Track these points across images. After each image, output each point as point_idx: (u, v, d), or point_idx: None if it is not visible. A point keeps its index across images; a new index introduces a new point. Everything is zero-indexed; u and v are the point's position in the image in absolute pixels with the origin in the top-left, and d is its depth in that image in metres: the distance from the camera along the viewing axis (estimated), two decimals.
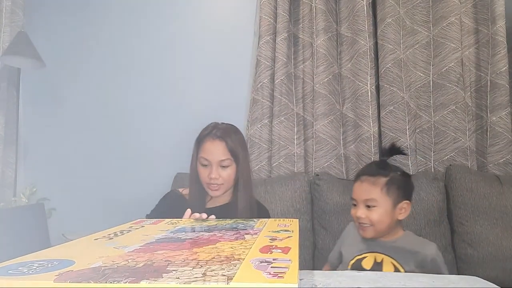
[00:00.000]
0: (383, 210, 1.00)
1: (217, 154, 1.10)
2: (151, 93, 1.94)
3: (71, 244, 0.52)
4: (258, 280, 0.34)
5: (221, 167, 1.11)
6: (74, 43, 2.00)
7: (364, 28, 1.67)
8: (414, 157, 1.65)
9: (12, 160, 1.82)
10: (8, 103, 1.84)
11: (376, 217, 0.99)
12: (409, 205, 1.03)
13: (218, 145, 1.11)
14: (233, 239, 0.52)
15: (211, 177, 1.09)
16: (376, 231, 1.01)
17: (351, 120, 1.72)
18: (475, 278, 0.66)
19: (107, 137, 1.93)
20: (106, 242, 0.51)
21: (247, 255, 0.42)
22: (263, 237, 0.53)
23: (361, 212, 1.01)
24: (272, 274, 0.36)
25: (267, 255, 0.43)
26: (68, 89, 1.98)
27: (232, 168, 1.12)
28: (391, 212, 1.01)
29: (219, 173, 1.10)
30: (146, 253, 0.44)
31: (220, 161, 1.10)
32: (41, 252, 0.45)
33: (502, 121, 1.62)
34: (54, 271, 0.37)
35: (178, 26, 1.95)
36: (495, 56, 1.63)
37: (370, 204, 1.00)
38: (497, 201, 1.44)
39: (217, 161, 1.10)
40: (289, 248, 0.46)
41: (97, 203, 1.84)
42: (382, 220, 1.00)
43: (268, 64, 1.73)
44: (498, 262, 1.38)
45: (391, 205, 1.00)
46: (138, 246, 0.48)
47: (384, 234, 1.02)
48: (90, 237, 0.55)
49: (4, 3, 1.82)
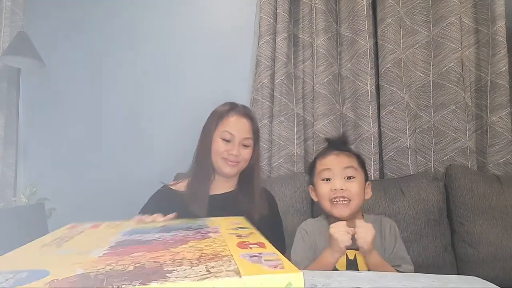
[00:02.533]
0: (361, 183, 0.95)
1: (243, 131, 1.07)
2: (151, 93, 1.94)
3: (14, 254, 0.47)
4: (266, 272, 0.34)
5: (243, 146, 1.07)
6: (74, 43, 2.00)
7: (364, 28, 1.67)
8: (414, 157, 1.65)
9: (12, 160, 1.82)
10: (8, 103, 1.84)
11: (356, 189, 0.93)
12: (370, 186, 1.01)
13: (244, 122, 1.08)
14: (200, 237, 0.52)
15: (233, 153, 1.05)
16: (353, 207, 0.93)
17: (351, 120, 1.72)
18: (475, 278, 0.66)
19: (107, 137, 1.93)
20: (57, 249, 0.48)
21: (231, 252, 0.42)
22: (227, 235, 0.53)
23: (340, 183, 0.92)
24: (272, 266, 0.36)
25: (249, 250, 0.43)
26: (68, 89, 1.99)
27: (251, 149, 1.09)
28: (364, 189, 0.97)
29: (240, 150, 1.06)
30: (122, 256, 0.43)
31: (244, 139, 1.07)
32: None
33: (502, 121, 1.62)
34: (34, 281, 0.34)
35: (178, 26, 1.95)
36: (495, 56, 1.63)
37: (350, 174, 0.93)
38: (497, 201, 1.44)
39: (242, 138, 1.07)
40: (262, 243, 0.47)
41: (97, 203, 1.84)
42: (360, 193, 0.94)
43: (268, 64, 1.73)
44: (498, 262, 1.38)
45: (364, 181, 0.97)
46: (104, 250, 0.46)
47: (354, 216, 0.96)
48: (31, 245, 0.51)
49: (4, 3, 1.82)
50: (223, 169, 1.08)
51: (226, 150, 1.06)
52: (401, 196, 1.47)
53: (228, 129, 1.07)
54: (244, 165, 1.10)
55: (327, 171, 0.96)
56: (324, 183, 0.96)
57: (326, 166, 0.96)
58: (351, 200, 0.93)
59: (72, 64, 1.99)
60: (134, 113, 1.93)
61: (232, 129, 1.07)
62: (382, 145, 1.66)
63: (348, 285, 0.61)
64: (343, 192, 0.92)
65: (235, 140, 1.06)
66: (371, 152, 1.65)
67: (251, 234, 0.53)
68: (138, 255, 0.43)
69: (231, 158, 1.06)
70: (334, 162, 0.96)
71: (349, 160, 0.96)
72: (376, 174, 1.64)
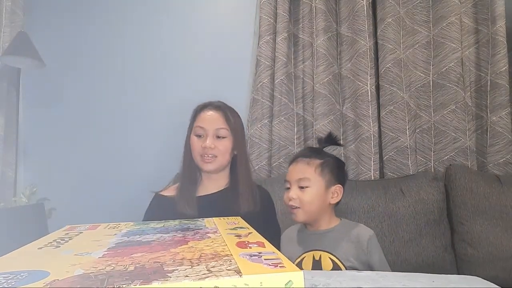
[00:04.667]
0: (315, 191, 0.99)
1: (214, 122, 1.06)
2: (151, 93, 1.94)
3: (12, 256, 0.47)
4: (266, 271, 0.35)
5: (217, 138, 1.06)
6: (74, 43, 2.00)
7: (364, 28, 1.67)
8: (414, 157, 1.65)
9: (12, 160, 1.82)
10: (8, 103, 1.84)
11: (307, 198, 0.99)
12: (341, 189, 1.03)
13: (216, 114, 1.07)
14: (199, 238, 0.51)
15: (205, 145, 1.04)
16: (306, 213, 1.00)
17: (351, 120, 1.72)
18: (475, 278, 0.66)
19: (107, 137, 1.93)
20: (56, 251, 0.48)
21: (231, 251, 0.42)
22: (226, 235, 0.53)
23: (293, 192, 1.00)
24: (272, 265, 0.36)
25: (249, 250, 0.43)
26: (68, 89, 1.99)
27: (229, 140, 1.07)
28: (323, 194, 1.00)
29: (214, 143, 1.05)
30: (122, 257, 0.43)
31: (216, 130, 1.05)
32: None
33: (502, 121, 1.62)
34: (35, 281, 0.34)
35: (178, 26, 1.95)
36: (495, 56, 1.63)
37: (303, 185, 0.99)
38: (497, 201, 1.44)
39: (213, 129, 1.05)
40: (261, 242, 0.47)
41: (97, 203, 1.84)
42: (313, 201, 0.99)
43: (268, 64, 1.73)
44: (498, 262, 1.38)
45: (324, 186, 1.00)
46: (103, 251, 0.46)
47: (316, 218, 1.02)
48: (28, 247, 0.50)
49: (4, 3, 1.82)
50: (202, 166, 1.07)
51: (200, 145, 1.05)
52: (401, 196, 1.47)
53: (199, 124, 1.07)
54: (224, 159, 1.08)
55: (286, 182, 1.04)
56: (286, 191, 1.04)
57: (286, 177, 1.05)
58: (301, 207, 0.99)
59: (72, 64, 1.99)
60: (134, 113, 1.93)
61: (202, 123, 1.07)
62: (382, 145, 1.67)
63: (349, 285, 0.61)
64: (294, 200, 1.00)
65: (207, 133, 1.06)
66: (371, 152, 1.65)
67: (250, 234, 0.53)
68: (138, 256, 0.43)
69: (207, 152, 1.05)
70: (291, 172, 1.04)
71: (304, 171, 1.00)
72: (376, 174, 1.64)
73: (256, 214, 1.06)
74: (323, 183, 1.00)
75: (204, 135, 1.06)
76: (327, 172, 1.01)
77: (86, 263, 0.40)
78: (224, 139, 1.07)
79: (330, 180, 1.01)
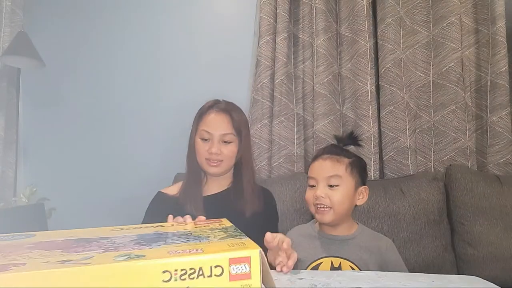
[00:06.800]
0: (346, 191, 0.94)
1: (220, 128, 1.04)
2: (151, 93, 1.94)
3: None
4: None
5: (223, 142, 1.04)
6: (74, 43, 2.00)
7: (364, 28, 1.67)
8: (414, 157, 1.65)
9: (12, 160, 1.82)
10: (8, 103, 1.84)
11: (338, 197, 0.93)
12: (367, 190, 0.99)
13: (222, 118, 1.05)
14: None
15: (212, 151, 1.02)
16: (336, 215, 0.94)
17: (351, 120, 1.72)
18: (475, 278, 0.66)
19: (107, 136, 1.93)
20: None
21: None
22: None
23: (321, 191, 0.93)
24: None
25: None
26: (68, 89, 1.98)
27: (234, 145, 1.06)
28: (353, 195, 0.96)
29: (220, 148, 1.03)
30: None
31: (223, 135, 1.04)
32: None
33: (502, 121, 1.62)
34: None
35: (178, 26, 1.95)
36: (495, 56, 1.63)
37: (333, 183, 0.93)
38: (497, 201, 1.44)
39: (220, 134, 1.04)
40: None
41: (97, 203, 1.84)
42: (344, 201, 0.93)
43: (268, 64, 1.73)
44: (498, 262, 1.38)
45: (353, 187, 0.95)
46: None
47: (341, 220, 0.97)
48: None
49: (4, 3, 1.82)
50: (208, 170, 1.06)
51: (206, 149, 1.04)
52: (401, 196, 1.47)
53: (205, 128, 1.05)
54: (230, 163, 1.07)
55: (311, 179, 0.97)
56: (310, 189, 0.98)
57: (311, 174, 0.98)
58: (332, 208, 0.93)
59: (72, 64, 1.99)
60: (134, 113, 1.93)
61: (209, 127, 1.04)
62: (382, 145, 1.67)
63: (348, 285, 0.61)
64: (324, 199, 0.93)
65: (213, 139, 1.04)
66: (371, 152, 1.65)
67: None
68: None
69: (212, 157, 1.04)
70: (318, 169, 0.97)
71: (335, 168, 0.94)
72: (376, 174, 1.64)
73: (259, 214, 1.06)
74: (353, 183, 0.95)
75: (210, 139, 1.05)
76: (356, 172, 0.96)
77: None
78: (230, 144, 1.06)
79: (358, 181, 0.96)
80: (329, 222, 0.95)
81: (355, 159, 0.98)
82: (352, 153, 1.01)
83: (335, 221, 0.95)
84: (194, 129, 1.09)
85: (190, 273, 0.39)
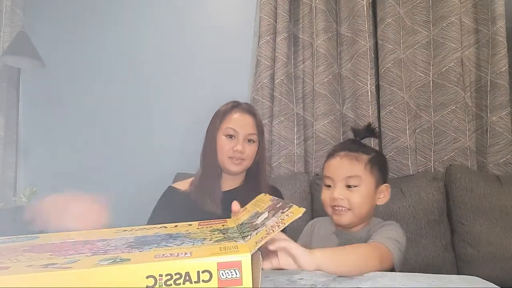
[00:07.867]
0: (365, 191, 0.86)
1: (247, 127, 1.07)
2: (151, 93, 1.94)
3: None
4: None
5: (247, 142, 1.08)
6: (74, 43, 1.99)
7: (364, 28, 1.67)
8: (414, 157, 1.65)
9: (12, 160, 1.82)
10: (8, 103, 1.84)
11: (357, 199, 0.85)
12: (389, 188, 0.91)
13: (248, 118, 1.09)
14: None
15: (237, 149, 1.04)
16: (355, 217, 0.86)
17: (351, 120, 1.72)
18: (475, 278, 0.66)
19: (107, 137, 1.93)
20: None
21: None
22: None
23: (339, 192, 0.85)
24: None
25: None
26: (68, 89, 1.98)
27: (256, 145, 1.09)
28: (373, 194, 0.88)
29: (245, 147, 1.06)
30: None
31: (248, 134, 1.07)
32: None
33: (502, 121, 1.62)
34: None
35: (178, 26, 1.95)
36: (495, 56, 1.63)
37: (351, 184, 0.85)
38: (497, 201, 1.44)
39: (246, 133, 1.07)
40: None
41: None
42: (364, 203, 0.86)
43: (268, 64, 1.73)
44: (498, 262, 1.38)
45: (374, 186, 0.87)
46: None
47: (362, 222, 0.89)
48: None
49: (4, 3, 1.82)
50: (229, 167, 1.08)
51: (231, 147, 1.06)
52: (401, 196, 1.47)
53: (231, 126, 1.07)
54: (250, 163, 1.10)
55: (328, 179, 0.90)
56: (326, 189, 0.91)
57: (328, 173, 0.90)
58: (351, 209, 0.86)
59: (72, 64, 1.99)
60: (134, 113, 1.93)
61: (235, 125, 1.07)
62: (382, 145, 1.66)
63: (348, 285, 0.61)
64: (342, 201, 0.86)
65: (239, 136, 1.07)
66: None
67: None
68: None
69: (236, 155, 1.05)
70: (334, 168, 0.89)
71: (353, 168, 0.86)
72: None
73: None
74: (373, 182, 0.87)
75: (236, 137, 1.07)
76: (376, 169, 0.88)
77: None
78: (253, 143, 1.09)
79: (378, 179, 0.88)
80: (347, 224, 0.88)
81: (375, 155, 0.90)
82: (371, 148, 0.93)
83: (353, 223, 0.89)
84: (217, 127, 1.10)
85: (175, 278, 0.37)
